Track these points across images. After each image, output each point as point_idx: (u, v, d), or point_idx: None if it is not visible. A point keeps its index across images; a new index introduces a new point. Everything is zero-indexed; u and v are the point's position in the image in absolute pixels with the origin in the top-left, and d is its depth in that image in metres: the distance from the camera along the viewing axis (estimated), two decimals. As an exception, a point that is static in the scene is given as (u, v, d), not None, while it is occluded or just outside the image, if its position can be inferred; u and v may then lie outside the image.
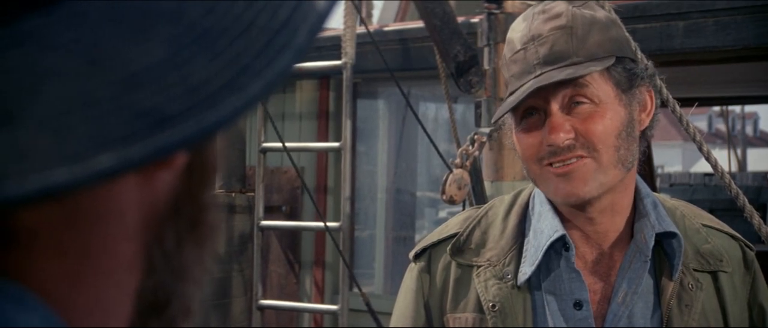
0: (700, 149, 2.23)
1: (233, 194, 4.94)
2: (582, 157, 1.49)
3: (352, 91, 4.49)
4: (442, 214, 6.65)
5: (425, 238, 1.72)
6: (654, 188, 6.61)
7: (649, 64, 1.59)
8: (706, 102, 8.17)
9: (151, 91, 0.40)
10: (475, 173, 3.53)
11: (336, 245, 4.56)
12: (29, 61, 0.40)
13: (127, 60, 0.41)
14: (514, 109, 1.54)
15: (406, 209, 5.88)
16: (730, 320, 1.57)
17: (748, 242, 1.66)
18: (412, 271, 1.68)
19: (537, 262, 1.54)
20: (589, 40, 1.51)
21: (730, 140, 11.76)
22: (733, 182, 2.23)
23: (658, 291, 1.54)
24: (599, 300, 1.55)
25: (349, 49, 4.38)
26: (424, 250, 1.67)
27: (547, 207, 1.58)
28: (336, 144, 4.62)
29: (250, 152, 5.11)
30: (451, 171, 3.47)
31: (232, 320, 4.90)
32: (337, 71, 4.50)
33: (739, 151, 12.90)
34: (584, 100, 1.49)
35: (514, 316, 1.54)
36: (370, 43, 4.34)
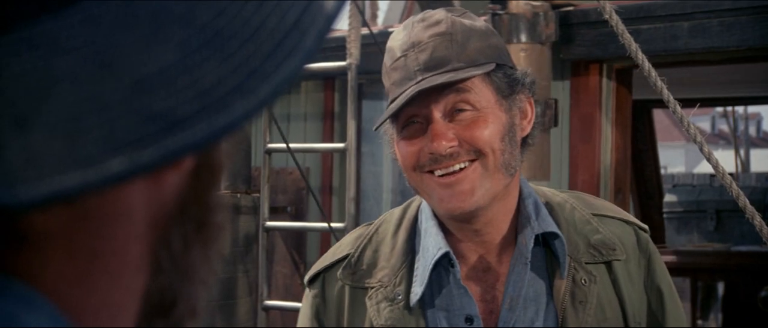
0: (702, 150, 2.23)
1: (238, 195, 4.94)
2: (470, 161, 1.48)
3: (356, 92, 4.49)
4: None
5: (318, 261, 1.67)
6: (660, 189, 6.59)
7: (529, 71, 1.58)
8: (710, 103, 8.16)
9: (162, 95, 0.41)
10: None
11: (340, 245, 4.55)
12: (41, 65, 0.40)
13: (138, 63, 0.41)
14: (394, 117, 1.52)
15: (411, 210, 5.88)
16: (628, 309, 1.55)
17: (642, 225, 1.63)
18: (307, 298, 1.63)
19: (425, 281, 1.52)
20: (469, 47, 1.51)
21: (735, 141, 11.74)
22: (734, 182, 2.23)
23: (552, 291, 1.53)
24: (490, 310, 1.55)
25: (353, 50, 4.38)
26: (317, 275, 1.62)
27: (432, 222, 1.55)
28: (341, 145, 4.62)
29: (255, 153, 5.11)
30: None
31: (237, 321, 4.90)
32: (342, 72, 4.50)
33: (742, 152, 12.88)
34: (466, 106, 1.48)
35: None
36: (375, 45, 4.34)
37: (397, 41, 1.54)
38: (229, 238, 4.79)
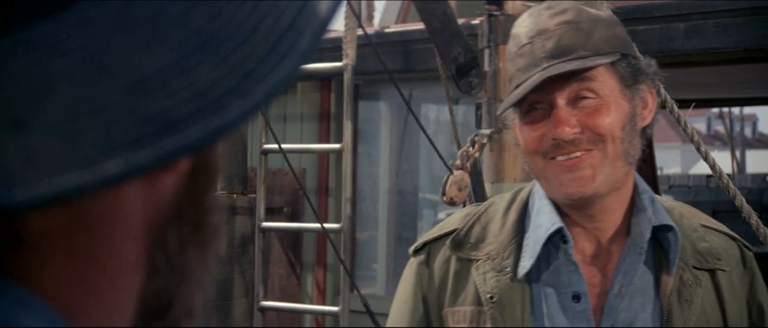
0: (699, 150, 2.23)
1: (235, 196, 4.94)
2: (589, 150, 1.50)
3: (353, 92, 4.49)
4: (442, 215, 6.65)
5: (425, 234, 1.74)
6: (656, 190, 6.61)
7: (653, 62, 1.60)
8: (706, 104, 8.17)
9: (158, 97, 0.41)
10: (476, 175, 3.54)
11: (334, 247, 4.56)
12: (38, 67, 0.41)
13: (134, 65, 0.41)
14: (518, 103, 1.55)
15: (408, 211, 5.88)
16: (728, 318, 1.58)
17: (747, 243, 1.67)
18: (412, 265, 1.70)
19: (536, 255, 1.56)
20: (595, 36, 1.53)
21: (731, 142, 11.76)
22: (731, 182, 2.24)
23: (658, 286, 1.56)
24: (597, 293, 1.57)
25: (349, 50, 4.38)
26: (423, 245, 1.69)
27: (546, 201, 1.59)
28: (337, 145, 4.62)
29: (251, 154, 5.11)
30: (452, 172, 3.47)
31: (234, 322, 4.90)
32: (338, 73, 4.50)
33: (737, 153, 12.89)
34: (590, 94, 1.51)
35: (512, 307, 1.56)
36: (371, 45, 4.34)
37: (522, 28, 1.57)
38: (225, 239, 4.78)
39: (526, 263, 1.57)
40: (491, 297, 1.57)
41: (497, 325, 1.55)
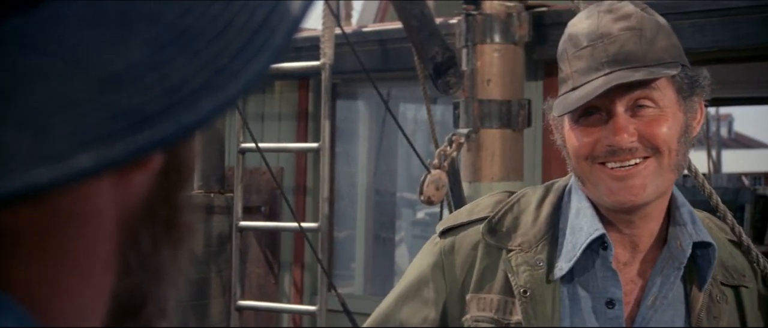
0: (675, 150, 2.24)
1: (212, 195, 4.93)
2: (645, 158, 1.49)
3: (330, 91, 4.49)
4: (420, 214, 6.66)
5: (452, 216, 1.71)
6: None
7: (706, 73, 1.59)
8: (683, 103, 8.22)
9: (130, 92, 0.41)
10: (453, 174, 3.54)
11: (312, 247, 4.56)
12: (9, 62, 0.40)
13: (106, 60, 0.41)
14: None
15: (386, 210, 5.89)
16: None
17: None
18: (436, 245, 1.66)
19: (575, 258, 1.54)
20: (657, 44, 1.52)
21: (707, 142, 11.84)
22: (706, 181, 2.25)
23: (688, 301, 1.56)
24: (629, 302, 1.56)
25: (327, 50, 4.38)
26: (452, 228, 1.65)
27: (587, 204, 1.56)
28: (314, 145, 4.62)
29: (228, 153, 5.10)
30: (430, 172, 3.48)
31: (211, 321, 4.89)
32: (316, 72, 4.50)
33: (714, 153, 12.98)
34: (649, 103, 1.50)
35: (543, 304, 1.54)
36: (349, 45, 4.34)
37: (581, 29, 1.54)
38: (202, 238, 4.77)
39: (563, 265, 1.55)
40: (525, 291, 1.54)
41: (529, 319, 1.54)
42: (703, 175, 2.43)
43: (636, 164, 1.49)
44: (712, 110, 13.97)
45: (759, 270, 1.64)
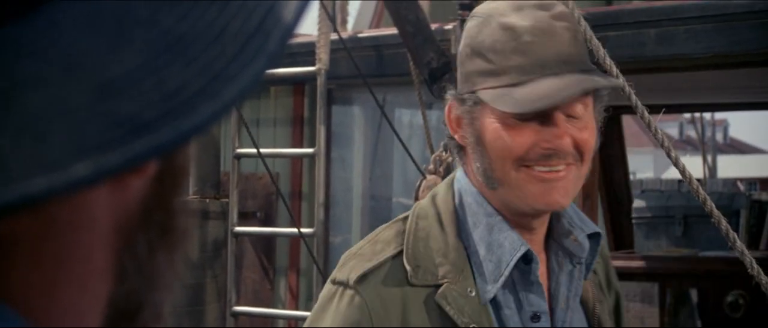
0: (669, 155, 2.25)
1: (207, 200, 4.92)
2: (569, 164, 1.46)
3: (326, 97, 4.49)
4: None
5: (354, 261, 1.50)
6: (629, 194, 6.65)
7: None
8: (678, 109, 8.23)
9: (127, 98, 0.41)
10: (449, 179, 3.54)
11: (309, 251, 4.55)
12: (6, 69, 0.40)
13: (102, 67, 0.41)
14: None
15: (382, 215, 5.87)
16: (606, 312, 1.60)
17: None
18: (350, 298, 1.46)
19: (503, 278, 1.45)
20: (584, 47, 1.51)
21: (703, 147, 11.86)
22: (701, 187, 2.26)
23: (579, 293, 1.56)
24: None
25: (323, 55, 4.38)
26: (365, 274, 1.46)
27: (498, 217, 1.48)
28: (310, 150, 4.62)
29: (224, 158, 5.10)
30: (425, 177, 3.48)
31: (206, 327, 4.88)
32: (311, 77, 4.50)
33: (709, 158, 13.01)
34: (582, 111, 1.47)
35: None
36: (344, 50, 4.34)
37: (516, 21, 1.45)
38: (197, 243, 4.76)
39: (489, 288, 1.45)
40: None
41: None
42: (699, 180, 2.44)
43: (564, 168, 1.45)
44: (707, 116, 13.98)
45: (752, 275, 1.64)
